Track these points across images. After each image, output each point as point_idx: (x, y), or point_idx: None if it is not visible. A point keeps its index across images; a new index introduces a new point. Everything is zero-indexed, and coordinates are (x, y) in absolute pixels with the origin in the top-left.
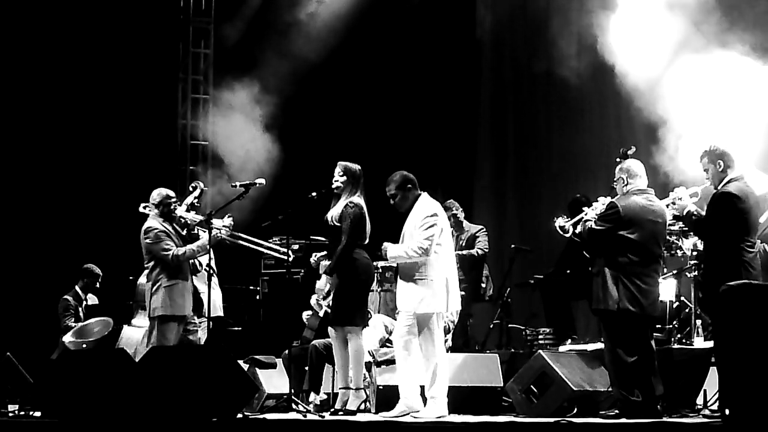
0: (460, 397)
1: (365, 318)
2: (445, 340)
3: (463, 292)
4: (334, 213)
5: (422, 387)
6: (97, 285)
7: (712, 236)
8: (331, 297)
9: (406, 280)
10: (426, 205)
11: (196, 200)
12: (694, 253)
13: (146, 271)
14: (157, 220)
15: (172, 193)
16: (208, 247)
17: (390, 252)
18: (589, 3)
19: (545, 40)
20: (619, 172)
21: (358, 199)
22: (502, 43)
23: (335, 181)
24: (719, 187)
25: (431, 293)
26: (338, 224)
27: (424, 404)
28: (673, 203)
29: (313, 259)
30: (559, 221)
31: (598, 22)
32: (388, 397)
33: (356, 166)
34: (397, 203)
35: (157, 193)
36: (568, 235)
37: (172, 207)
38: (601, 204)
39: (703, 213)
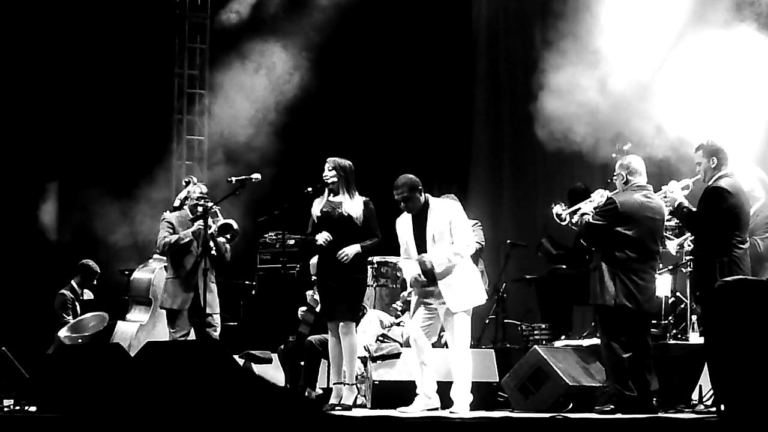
0: None
1: (358, 313)
2: (441, 336)
3: None
4: (355, 212)
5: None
6: (95, 281)
7: (703, 231)
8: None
9: (448, 281)
10: (449, 205)
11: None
12: (685, 251)
13: (141, 266)
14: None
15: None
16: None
17: (435, 260)
18: None
19: (541, 31)
20: (619, 168)
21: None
22: (498, 36)
23: (326, 176)
24: (710, 183)
25: (474, 288)
26: (360, 223)
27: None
28: (665, 196)
29: (321, 239)
30: (557, 209)
31: (593, 10)
32: (383, 392)
33: (346, 162)
34: (408, 206)
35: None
36: (564, 223)
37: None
38: (598, 196)
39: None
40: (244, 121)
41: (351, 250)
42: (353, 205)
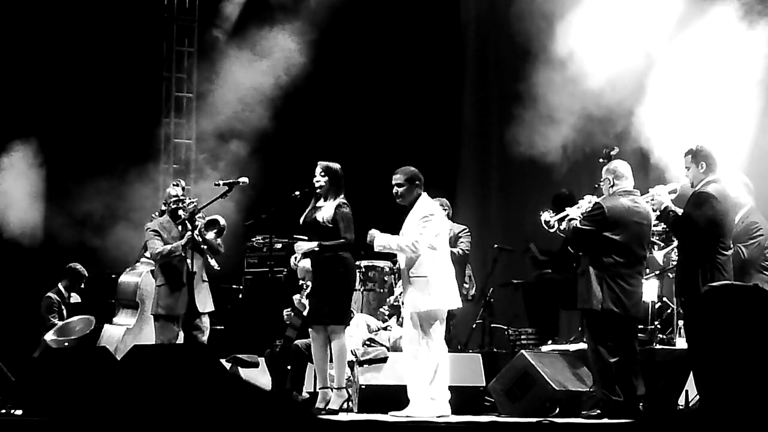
0: None
1: (348, 317)
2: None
3: None
4: (325, 215)
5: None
6: (82, 285)
7: (688, 235)
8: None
9: (405, 280)
10: (425, 204)
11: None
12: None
13: (128, 269)
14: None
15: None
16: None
17: (378, 240)
18: None
19: (530, 36)
20: (605, 173)
21: (345, 200)
22: (487, 42)
23: (317, 181)
24: (698, 187)
25: (428, 291)
26: (330, 225)
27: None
28: (652, 199)
29: (293, 261)
30: (545, 216)
31: (583, 14)
32: (370, 396)
33: (337, 166)
34: (401, 194)
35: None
36: (552, 230)
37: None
38: (586, 202)
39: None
40: (230, 123)
41: (305, 245)
42: (325, 209)
